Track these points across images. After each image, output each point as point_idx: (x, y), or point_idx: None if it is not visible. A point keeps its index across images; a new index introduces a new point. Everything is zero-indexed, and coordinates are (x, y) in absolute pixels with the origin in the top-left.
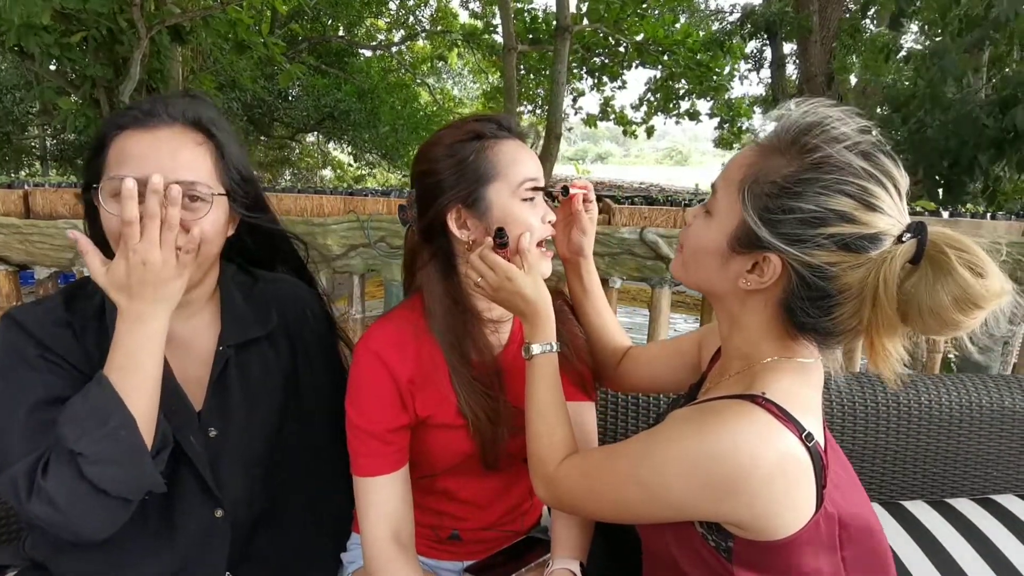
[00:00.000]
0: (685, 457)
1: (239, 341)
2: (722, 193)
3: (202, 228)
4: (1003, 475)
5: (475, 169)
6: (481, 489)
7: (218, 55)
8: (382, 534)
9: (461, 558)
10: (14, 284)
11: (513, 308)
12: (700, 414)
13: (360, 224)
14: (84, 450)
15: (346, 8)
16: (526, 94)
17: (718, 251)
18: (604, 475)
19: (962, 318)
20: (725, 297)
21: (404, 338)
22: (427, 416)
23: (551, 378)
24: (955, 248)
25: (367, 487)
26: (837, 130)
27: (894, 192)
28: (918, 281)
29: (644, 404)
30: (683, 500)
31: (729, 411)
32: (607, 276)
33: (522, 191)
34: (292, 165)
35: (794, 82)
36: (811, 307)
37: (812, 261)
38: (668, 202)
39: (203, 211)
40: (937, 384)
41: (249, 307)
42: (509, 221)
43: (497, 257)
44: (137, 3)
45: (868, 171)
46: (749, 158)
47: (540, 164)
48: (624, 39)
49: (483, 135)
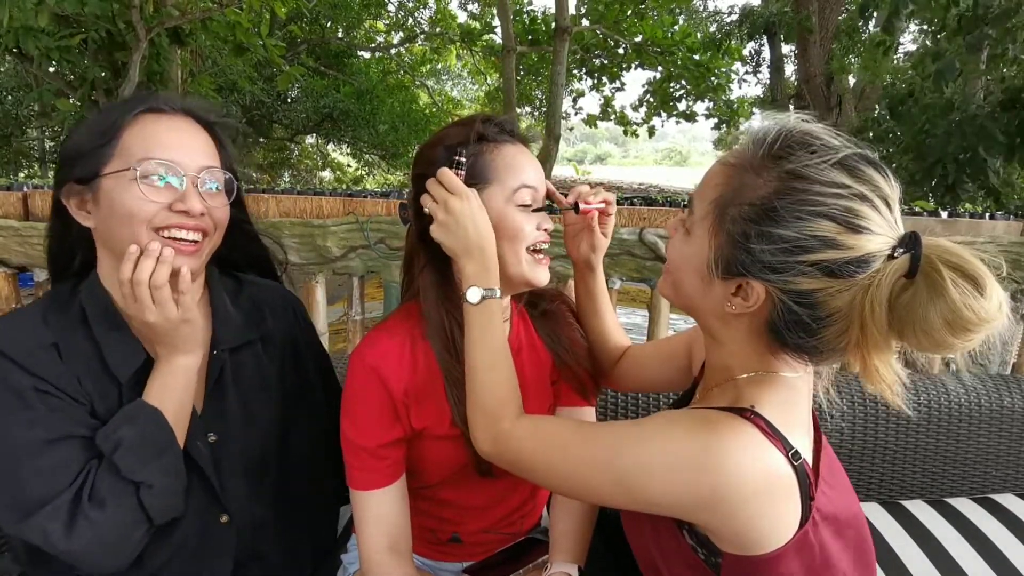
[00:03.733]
0: (670, 460)
1: (233, 345)
2: (698, 213)
3: (220, 216)
4: (1003, 475)
5: (472, 172)
6: (479, 495)
7: (217, 57)
8: (379, 545)
9: (461, 559)
10: (13, 286)
11: (460, 239)
12: (690, 420)
13: (359, 225)
14: (150, 480)
15: (345, 10)
16: (525, 95)
17: (699, 272)
18: (570, 453)
19: (954, 340)
20: (707, 316)
21: (401, 348)
22: (422, 428)
23: (499, 325)
24: (951, 266)
25: (362, 500)
26: (815, 143)
27: (882, 206)
28: (912, 297)
29: (644, 404)
30: (659, 499)
31: (720, 424)
32: (606, 276)
33: (518, 197)
34: (291, 166)
35: (793, 83)
36: (797, 329)
37: (795, 288)
38: (667, 203)
39: (222, 199)
40: (937, 384)
41: (238, 310)
42: (501, 225)
43: (453, 175)
44: (136, 5)
45: (851, 188)
46: (721, 176)
47: (541, 169)
48: (623, 40)
49: (484, 137)
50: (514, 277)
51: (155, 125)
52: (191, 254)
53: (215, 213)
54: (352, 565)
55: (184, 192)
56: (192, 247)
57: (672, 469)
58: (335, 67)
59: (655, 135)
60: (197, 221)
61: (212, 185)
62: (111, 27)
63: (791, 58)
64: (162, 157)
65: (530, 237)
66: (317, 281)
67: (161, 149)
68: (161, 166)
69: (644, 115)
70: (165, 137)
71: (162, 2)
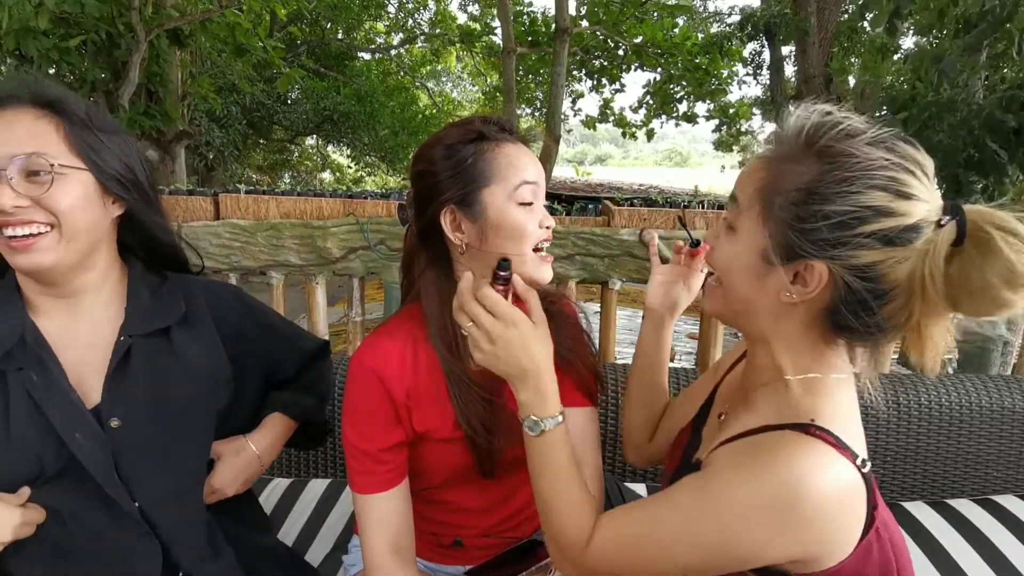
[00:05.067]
0: (747, 503)
1: (143, 332)
2: (744, 207)
3: (55, 203)
4: (1003, 475)
5: (472, 170)
6: (481, 498)
7: (216, 58)
8: (382, 548)
9: (464, 563)
10: None
11: (512, 367)
12: (752, 454)
13: (360, 227)
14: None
15: (345, 11)
16: (525, 96)
17: (753, 267)
18: (648, 540)
19: (1013, 296)
20: (759, 317)
21: (402, 350)
22: (425, 431)
23: (565, 450)
24: (996, 226)
25: (364, 503)
26: (849, 126)
27: (923, 176)
28: (963, 263)
29: None
30: (749, 549)
31: (786, 447)
32: (607, 278)
33: (519, 195)
34: (291, 168)
35: (792, 84)
36: (860, 309)
37: (857, 263)
38: (667, 203)
39: (46, 183)
40: (937, 384)
41: (156, 301)
42: (504, 224)
43: (499, 296)
44: (136, 7)
45: (891, 159)
46: (761, 168)
47: (541, 167)
48: (623, 41)
49: (484, 136)
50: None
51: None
52: (30, 249)
53: (45, 202)
54: (353, 567)
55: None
56: (27, 242)
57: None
58: (335, 68)
59: (656, 137)
60: (21, 215)
61: (31, 173)
62: (111, 29)
63: (791, 59)
64: None
65: (534, 236)
66: (317, 282)
67: None
68: None
69: (644, 117)
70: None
71: (162, 4)
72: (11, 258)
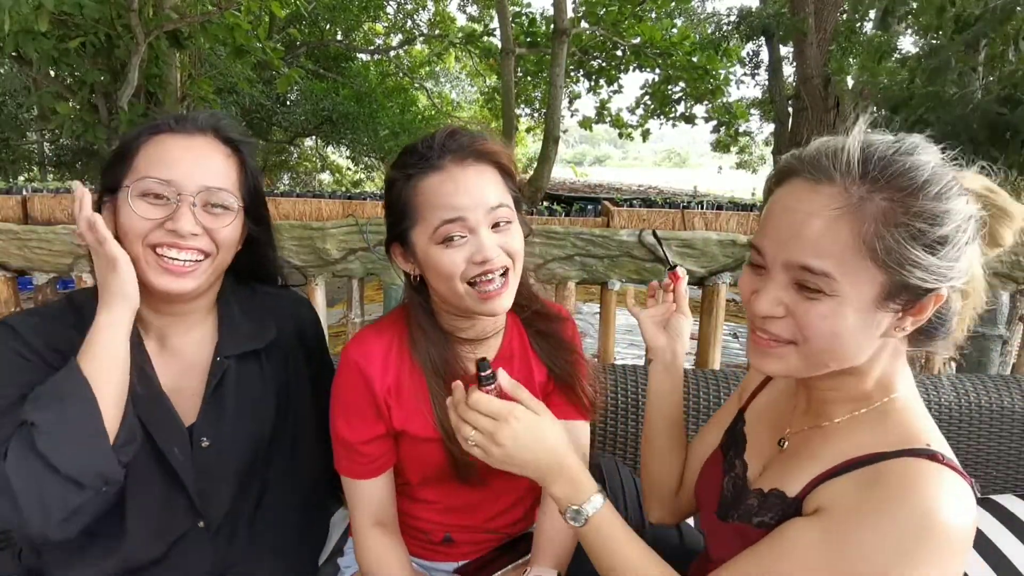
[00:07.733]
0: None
1: (237, 352)
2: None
3: (223, 236)
4: (1003, 475)
5: (400, 210)
6: (462, 496)
7: (216, 60)
8: (367, 521)
9: (456, 559)
10: (12, 290)
11: (529, 464)
12: (880, 486)
13: (359, 228)
14: (36, 420)
15: (344, 13)
16: (524, 97)
17: (863, 319)
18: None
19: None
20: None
21: (387, 348)
22: (403, 429)
23: (618, 527)
24: (986, 187)
25: (351, 485)
26: (885, 146)
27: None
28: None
29: None
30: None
31: (918, 476)
32: (606, 278)
33: (438, 235)
34: (290, 169)
35: (791, 84)
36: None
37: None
38: (667, 204)
39: (227, 220)
40: (937, 384)
41: (247, 319)
42: (429, 265)
43: (489, 397)
44: (135, 8)
45: (938, 159)
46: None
47: (475, 189)
48: (622, 42)
49: (408, 170)
50: (467, 310)
51: (165, 144)
52: (184, 275)
53: (216, 234)
54: (349, 568)
55: (176, 212)
56: (184, 268)
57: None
58: (334, 69)
59: (653, 137)
60: (191, 242)
61: (214, 206)
62: (110, 30)
63: (789, 59)
64: (159, 176)
65: (466, 272)
66: (317, 283)
67: (161, 168)
68: (157, 184)
69: (640, 118)
70: (169, 156)
71: (161, 5)
72: (158, 278)
